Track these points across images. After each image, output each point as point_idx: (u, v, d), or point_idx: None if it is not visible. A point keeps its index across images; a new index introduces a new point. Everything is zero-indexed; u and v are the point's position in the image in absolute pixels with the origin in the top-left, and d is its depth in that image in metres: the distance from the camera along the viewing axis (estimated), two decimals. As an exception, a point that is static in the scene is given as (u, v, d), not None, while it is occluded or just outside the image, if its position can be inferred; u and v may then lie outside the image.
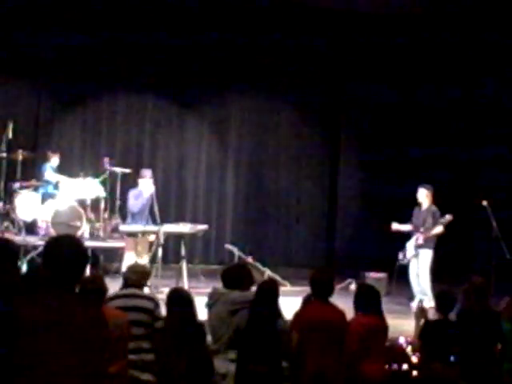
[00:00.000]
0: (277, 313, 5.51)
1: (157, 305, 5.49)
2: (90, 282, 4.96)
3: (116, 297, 5.57)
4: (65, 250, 3.10)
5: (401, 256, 9.77)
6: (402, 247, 9.79)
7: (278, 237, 13.47)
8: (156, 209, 9.66)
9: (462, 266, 11.52)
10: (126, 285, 5.70)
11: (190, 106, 13.21)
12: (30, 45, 11.83)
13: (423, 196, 9.73)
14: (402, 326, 7.14)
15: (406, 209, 10.03)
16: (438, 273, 9.75)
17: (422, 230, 9.55)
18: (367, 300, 5.57)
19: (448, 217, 9.43)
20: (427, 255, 9.55)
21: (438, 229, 9.51)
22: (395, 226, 9.86)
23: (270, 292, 5.54)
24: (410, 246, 9.68)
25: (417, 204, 9.82)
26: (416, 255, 9.57)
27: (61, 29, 11.84)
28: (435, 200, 9.76)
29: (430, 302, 8.50)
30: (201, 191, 13.34)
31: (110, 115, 12.87)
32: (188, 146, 13.28)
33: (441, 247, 9.76)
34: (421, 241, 9.53)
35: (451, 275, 9.91)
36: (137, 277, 5.69)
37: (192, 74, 12.75)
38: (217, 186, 13.41)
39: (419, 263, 9.55)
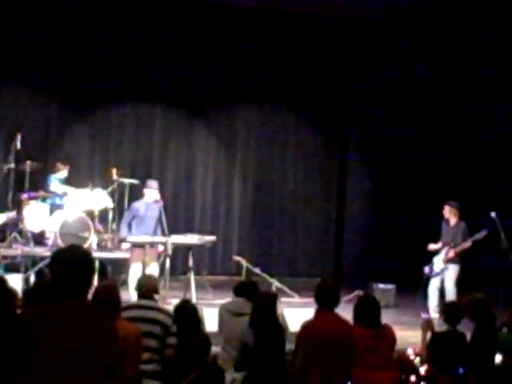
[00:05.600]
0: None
1: (173, 320, 5.42)
2: (104, 292, 4.94)
3: (133, 306, 5.55)
4: (71, 260, 3.10)
5: (427, 270, 9.78)
6: (429, 261, 9.78)
7: (286, 248, 13.44)
8: (164, 220, 9.67)
9: (471, 279, 11.45)
10: (140, 295, 5.66)
11: (199, 118, 13.22)
12: (40, 55, 11.90)
13: (448, 213, 9.80)
14: (410, 338, 7.11)
15: (414, 220, 10.01)
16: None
17: (452, 245, 9.58)
18: (366, 312, 5.51)
19: (483, 232, 9.44)
20: (455, 270, 9.65)
21: (468, 244, 9.55)
22: (431, 247, 9.88)
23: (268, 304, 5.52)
24: (438, 260, 9.71)
25: (443, 219, 9.86)
26: (444, 269, 9.58)
27: (70, 40, 11.93)
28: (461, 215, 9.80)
29: None
30: (208, 202, 13.33)
31: (118, 126, 12.88)
32: (196, 157, 13.28)
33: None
34: (451, 255, 9.56)
35: (461, 288, 9.86)
36: (146, 289, 5.65)
37: (201, 86, 12.80)
38: (224, 198, 13.40)
39: (446, 278, 9.62)
